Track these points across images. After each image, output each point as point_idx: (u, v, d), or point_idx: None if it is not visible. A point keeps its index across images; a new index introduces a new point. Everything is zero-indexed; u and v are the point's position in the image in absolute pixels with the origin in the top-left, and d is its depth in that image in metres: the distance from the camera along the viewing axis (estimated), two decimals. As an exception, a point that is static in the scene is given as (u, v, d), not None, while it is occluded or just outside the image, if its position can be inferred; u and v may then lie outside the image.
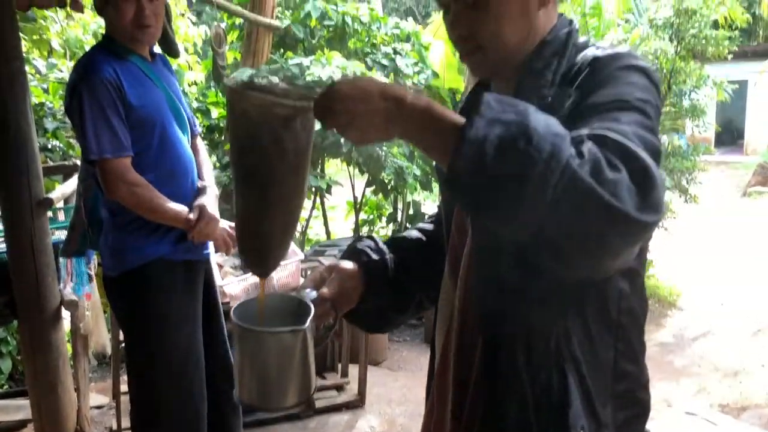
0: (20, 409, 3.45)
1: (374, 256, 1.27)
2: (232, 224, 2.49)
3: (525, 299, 1.03)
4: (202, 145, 2.58)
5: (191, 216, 2.27)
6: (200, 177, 2.43)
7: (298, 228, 5.56)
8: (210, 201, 2.36)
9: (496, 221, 0.90)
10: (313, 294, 1.16)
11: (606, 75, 0.98)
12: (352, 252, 1.28)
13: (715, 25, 5.85)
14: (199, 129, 2.67)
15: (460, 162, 0.85)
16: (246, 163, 1.01)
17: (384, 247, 1.30)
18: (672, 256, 6.86)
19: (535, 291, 1.01)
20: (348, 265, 1.25)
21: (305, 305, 1.11)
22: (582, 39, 1.11)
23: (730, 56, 5.79)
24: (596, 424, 1.03)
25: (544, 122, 0.85)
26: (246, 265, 1.12)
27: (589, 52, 1.04)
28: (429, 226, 1.39)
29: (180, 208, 2.26)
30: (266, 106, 0.94)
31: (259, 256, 1.10)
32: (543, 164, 0.81)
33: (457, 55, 1.15)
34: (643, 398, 1.13)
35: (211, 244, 2.47)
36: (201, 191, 2.39)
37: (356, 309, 1.25)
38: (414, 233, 1.38)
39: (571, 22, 1.13)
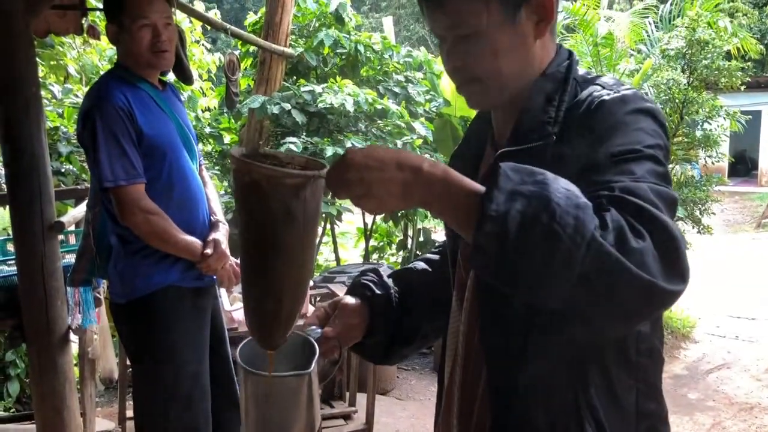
0: (26, 433, 3.43)
1: (377, 291, 1.26)
2: (238, 261, 2.50)
3: (534, 340, 1.01)
4: (208, 176, 2.60)
5: (208, 251, 2.27)
6: (210, 210, 2.44)
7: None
8: (223, 237, 2.37)
9: (522, 293, 0.89)
10: (318, 332, 1.16)
11: (615, 121, 0.96)
12: (355, 287, 1.28)
13: (728, 55, 5.86)
14: (203, 160, 2.68)
15: (482, 239, 0.84)
16: (254, 235, 0.99)
17: (388, 281, 1.29)
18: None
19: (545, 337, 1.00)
20: (351, 300, 1.25)
21: (310, 343, 1.11)
22: (582, 71, 1.10)
23: (743, 87, 5.79)
24: None
25: (564, 192, 0.84)
26: (255, 340, 1.09)
27: (595, 92, 1.01)
28: (435, 257, 1.38)
29: (191, 239, 2.27)
30: (276, 178, 0.92)
31: (268, 332, 1.07)
32: (568, 240, 0.80)
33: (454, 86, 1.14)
34: None
35: None
36: (214, 226, 2.39)
37: (362, 343, 1.26)
38: (420, 265, 1.37)
39: (570, 53, 1.11)
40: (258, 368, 1.09)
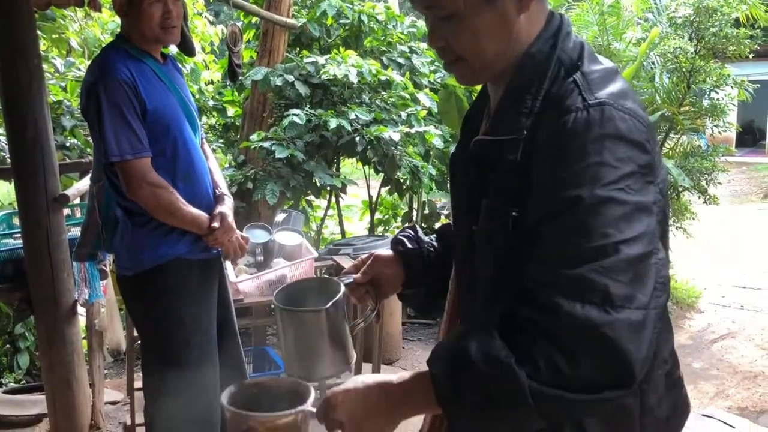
0: (36, 404, 3.48)
1: (410, 245, 1.33)
2: (246, 235, 2.51)
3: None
4: (209, 149, 2.59)
5: (215, 224, 2.27)
6: (214, 183, 2.44)
7: (313, 227, 5.57)
8: (229, 210, 2.38)
9: None
10: (350, 279, 1.29)
11: (575, 151, 0.92)
12: (392, 241, 1.36)
13: (737, 23, 5.76)
14: (204, 134, 2.68)
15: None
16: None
17: (422, 236, 1.35)
18: (691, 257, 6.78)
19: None
20: (386, 253, 1.33)
21: (340, 288, 1.23)
22: (571, 43, 1.05)
23: (751, 55, 5.70)
24: None
25: (486, 361, 0.90)
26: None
27: (568, 100, 0.96)
28: None
29: (198, 213, 2.27)
30: (270, 421, 1.07)
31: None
32: (517, 406, 0.89)
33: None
34: (665, 413, 1.12)
35: None
36: (220, 199, 2.39)
37: (404, 293, 1.36)
38: None
39: (559, 26, 1.06)
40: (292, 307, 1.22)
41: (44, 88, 2.80)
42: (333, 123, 4.20)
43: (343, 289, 1.20)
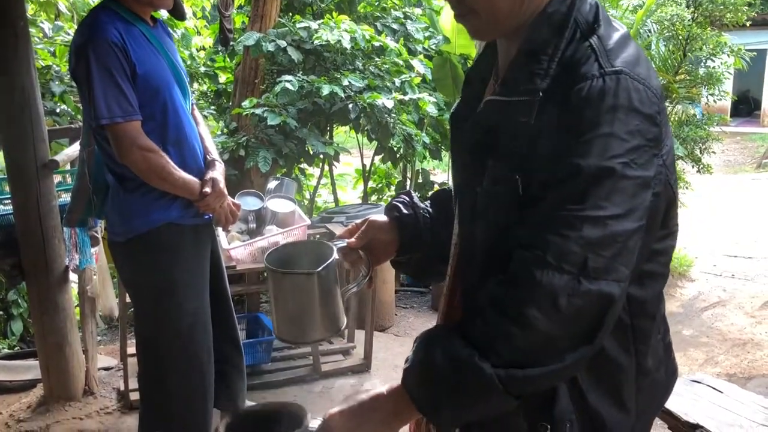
0: (30, 369, 3.50)
1: (405, 211, 1.31)
2: (237, 201, 2.49)
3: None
4: (199, 115, 2.56)
5: (207, 189, 2.26)
6: (204, 148, 2.41)
7: (306, 195, 5.55)
8: (220, 176, 2.36)
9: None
10: (343, 243, 1.26)
11: (587, 120, 0.91)
12: (387, 207, 1.35)
13: (734, -10, 5.70)
14: (194, 99, 2.65)
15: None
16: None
17: (418, 202, 1.34)
18: (684, 226, 6.79)
19: None
20: (380, 218, 1.31)
21: (333, 252, 1.22)
22: (588, 6, 1.02)
23: (748, 23, 5.66)
24: (592, 419, 1.03)
25: (450, 365, 0.93)
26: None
27: (584, 67, 0.94)
28: None
29: (189, 178, 2.25)
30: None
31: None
32: (491, 396, 0.92)
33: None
34: (661, 378, 1.13)
35: None
36: (211, 164, 2.37)
37: (398, 260, 1.35)
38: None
39: None
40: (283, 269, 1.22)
41: (31, 52, 2.76)
42: (326, 90, 4.16)
43: (335, 253, 1.19)
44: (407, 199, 1.34)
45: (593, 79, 0.93)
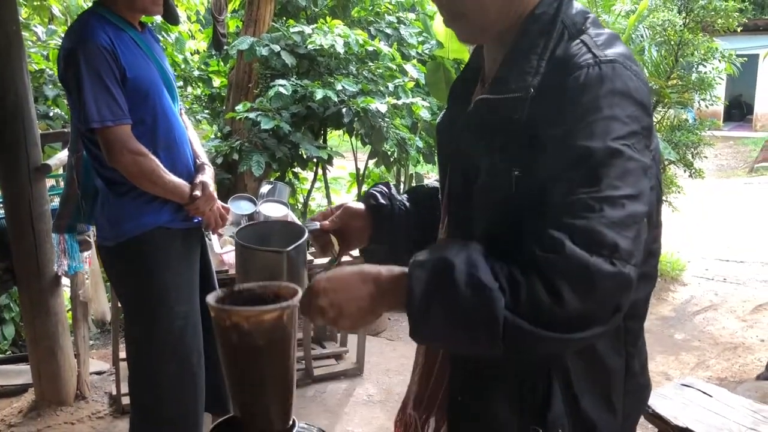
0: (21, 373, 3.49)
1: (382, 201, 1.32)
2: (226, 204, 2.50)
3: None
4: (188, 119, 2.57)
5: (197, 193, 2.26)
6: (194, 152, 2.42)
7: (300, 199, 5.55)
8: (210, 179, 2.36)
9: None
10: (315, 225, 1.27)
11: (587, 106, 0.92)
12: (365, 195, 1.35)
13: (726, -4, 5.74)
14: (182, 104, 2.65)
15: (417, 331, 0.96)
16: (241, 366, 1.08)
17: (395, 194, 1.35)
18: (676, 230, 6.84)
19: None
20: (357, 205, 1.32)
21: (304, 233, 1.23)
22: (574, 9, 1.04)
23: (740, 29, 5.69)
24: (583, 423, 1.03)
25: (469, 288, 0.89)
26: None
27: (577, 57, 0.96)
28: None
29: (179, 181, 2.25)
30: (255, 316, 1.01)
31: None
32: (484, 329, 0.88)
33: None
34: (645, 381, 1.14)
35: None
36: (200, 168, 2.38)
37: (367, 248, 1.35)
38: (433, 185, 1.40)
39: None
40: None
41: (24, 56, 2.76)
42: (319, 94, 4.17)
43: (307, 234, 1.21)
44: (385, 189, 1.34)
45: (589, 67, 0.94)
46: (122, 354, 3.08)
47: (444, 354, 1.17)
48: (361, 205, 1.32)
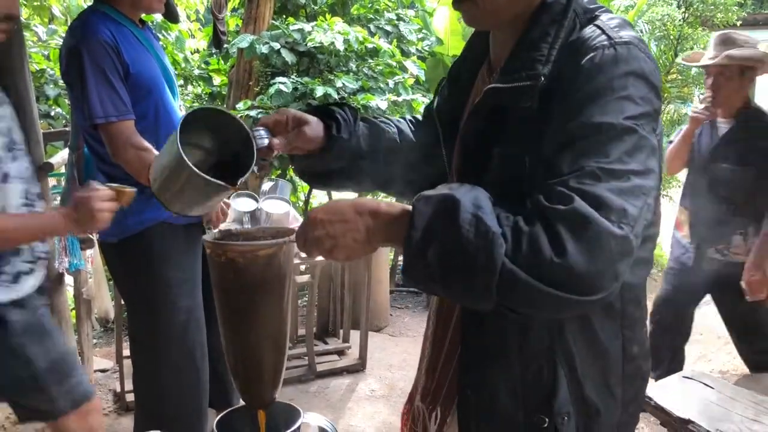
0: (26, 372, 3.49)
1: (343, 134, 1.24)
2: (227, 201, 2.50)
3: None
4: None
5: None
6: None
7: (301, 196, 5.56)
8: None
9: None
10: (265, 141, 1.17)
11: (602, 85, 0.93)
12: (326, 114, 1.26)
13: (725, -10, 5.74)
14: (182, 102, 2.66)
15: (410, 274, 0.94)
16: (234, 305, 1.06)
17: (356, 129, 1.27)
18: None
19: None
20: (313, 130, 1.23)
21: (252, 147, 1.14)
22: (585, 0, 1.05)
23: (739, 23, 5.70)
24: (587, 409, 1.04)
25: (472, 228, 0.87)
26: (246, 401, 1.22)
27: (592, 40, 0.97)
28: (410, 137, 1.35)
29: None
30: (250, 252, 1.00)
31: (256, 393, 1.17)
32: (480, 271, 0.86)
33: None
34: (646, 369, 1.15)
35: None
36: None
37: (309, 156, 1.26)
38: (393, 133, 1.34)
39: None
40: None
41: (25, 54, 2.76)
42: (319, 91, 4.17)
43: (255, 155, 1.12)
44: (350, 118, 1.27)
45: (604, 48, 0.95)
46: (126, 351, 3.09)
47: (450, 345, 1.18)
48: (319, 131, 1.23)
